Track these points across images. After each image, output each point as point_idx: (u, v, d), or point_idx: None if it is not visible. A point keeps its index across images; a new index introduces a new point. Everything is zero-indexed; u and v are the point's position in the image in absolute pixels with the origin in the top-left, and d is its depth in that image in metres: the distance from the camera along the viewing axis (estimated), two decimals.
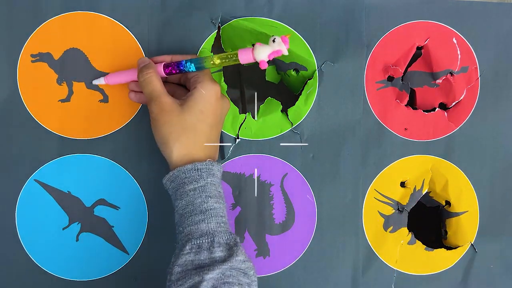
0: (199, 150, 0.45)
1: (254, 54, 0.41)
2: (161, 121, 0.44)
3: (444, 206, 0.55)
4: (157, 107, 0.44)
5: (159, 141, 0.45)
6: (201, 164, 0.43)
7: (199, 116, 0.44)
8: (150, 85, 0.45)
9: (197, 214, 0.42)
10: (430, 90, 0.54)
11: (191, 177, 0.43)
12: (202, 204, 0.42)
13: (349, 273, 0.53)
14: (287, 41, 0.41)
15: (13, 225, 0.50)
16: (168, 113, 0.44)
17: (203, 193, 0.43)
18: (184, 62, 0.45)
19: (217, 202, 0.43)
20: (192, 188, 0.43)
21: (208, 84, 0.45)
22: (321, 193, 0.53)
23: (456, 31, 0.53)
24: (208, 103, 0.45)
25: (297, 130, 0.52)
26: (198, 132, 0.44)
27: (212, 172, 0.44)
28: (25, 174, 0.50)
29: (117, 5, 0.50)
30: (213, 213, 0.42)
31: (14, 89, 0.49)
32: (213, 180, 0.44)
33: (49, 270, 0.50)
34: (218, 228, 0.42)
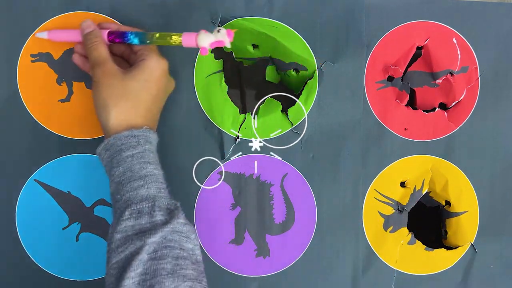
0: (138, 118, 0.44)
1: (198, 40, 0.42)
2: (103, 83, 0.43)
3: (444, 206, 0.55)
4: (100, 71, 0.43)
5: (98, 104, 0.43)
6: (138, 131, 0.43)
7: (143, 84, 0.44)
8: (97, 51, 0.44)
9: (136, 179, 0.41)
10: (430, 90, 0.54)
11: (128, 144, 0.42)
12: (141, 170, 0.41)
13: (349, 273, 0.53)
14: (232, 34, 0.41)
15: (13, 225, 0.50)
16: (111, 77, 0.43)
17: (142, 159, 0.42)
18: (130, 33, 0.45)
19: (156, 168, 0.43)
20: (130, 155, 0.42)
21: (155, 57, 0.44)
22: (321, 193, 0.53)
23: (456, 31, 0.53)
24: (154, 74, 0.44)
25: (297, 130, 0.52)
26: (140, 100, 0.44)
27: (149, 139, 0.43)
28: (25, 174, 0.50)
29: (117, 5, 0.50)
30: (153, 179, 0.41)
31: (14, 89, 0.49)
32: (150, 147, 0.43)
33: (49, 270, 0.50)
34: (158, 193, 0.41)
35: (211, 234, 0.52)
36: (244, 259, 0.52)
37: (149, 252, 0.38)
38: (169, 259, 0.38)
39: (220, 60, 0.52)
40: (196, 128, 0.51)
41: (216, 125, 0.51)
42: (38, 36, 0.48)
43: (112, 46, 0.47)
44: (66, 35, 0.48)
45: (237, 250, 0.52)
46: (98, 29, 0.46)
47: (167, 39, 0.44)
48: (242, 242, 0.52)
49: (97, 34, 0.45)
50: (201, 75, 0.51)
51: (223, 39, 0.41)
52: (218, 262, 0.52)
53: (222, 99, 0.51)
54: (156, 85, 0.44)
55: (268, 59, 0.54)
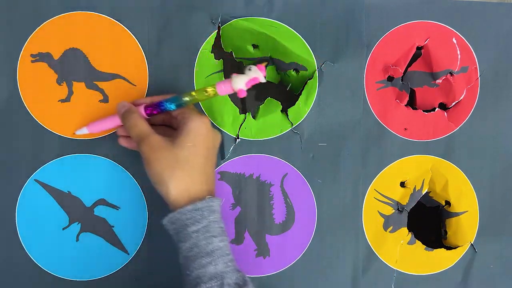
0: (196, 184, 0.44)
1: (232, 85, 0.42)
2: (153, 158, 0.43)
3: (444, 206, 0.56)
4: (146, 147, 0.43)
5: (154, 180, 0.43)
6: (201, 203, 0.42)
7: (191, 149, 0.43)
8: (137, 127, 0.44)
9: (203, 256, 0.41)
10: (430, 90, 0.54)
11: (193, 218, 0.42)
12: (207, 246, 0.41)
13: (349, 273, 0.53)
14: (263, 69, 0.41)
15: (13, 225, 0.50)
16: (159, 150, 0.43)
17: (207, 233, 0.42)
18: (165, 101, 0.45)
19: (222, 240, 0.42)
20: (195, 230, 0.41)
21: (196, 118, 0.44)
22: (321, 193, 0.53)
23: (456, 31, 0.53)
24: (199, 135, 0.44)
25: (297, 130, 0.52)
26: (193, 166, 0.43)
27: (213, 208, 0.43)
28: (25, 174, 0.50)
29: (117, 5, 0.50)
30: (219, 254, 0.41)
31: (14, 89, 0.49)
32: (215, 218, 0.43)
33: (49, 270, 0.50)
34: (226, 268, 0.41)
35: None
36: (244, 259, 0.52)
37: None
38: None
39: (220, 60, 0.52)
40: None
41: (216, 125, 0.51)
42: (78, 134, 0.49)
43: (151, 118, 0.47)
44: (105, 124, 0.48)
45: (237, 250, 0.52)
46: (133, 106, 0.46)
47: (202, 94, 0.43)
48: (242, 242, 0.52)
49: (133, 110, 0.45)
50: (201, 75, 0.51)
51: (256, 76, 0.41)
52: None
53: (222, 99, 0.51)
54: (204, 146, 0.44)
55: (268, 59, 0.54)
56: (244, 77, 0.41)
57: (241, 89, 0.41)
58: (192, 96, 0.44)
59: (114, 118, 0.47)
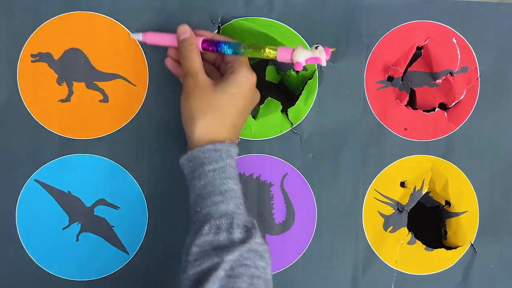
0: (223, 131, 0.44)
1: (293, 55, 0.41)
2: (193, 94, 0.43)
3: (444, 206, 0.55)
4: (192, 81, 0.44)
5: (185, 115, 0.44)
6: (221, 145, 0.43)
7: (231, 99, 0.44)
8: (190, 59, 0.45)
9: (216, 195, 0.42)
10: (430, 90, 0.54)
11: (211, 158, 0.42)
12: (221, 185, 0.42)
13: (349, 273, 0.53)
14: (329, 52, 0.41)
15: (13, 225, 0.50)
16: (202, 89, 0.44)
17: (223, 173, 0.42)
18: (224, 43, 0.45)
19: (236, 184, 0.43)
20: (211, 169, 0.42)
21: (245, 71, 0.44)
22: (321, 193, 0.53)
23: (456, 31, 0.53)
24: (242, 89, 0.44)
25: (297, 130, 0.52)
26: (226, 114, 0.44)
27: (231, 153, 0.44)
28: (25, 174, 0.50)
29: (117, 5, 0.50)
30: (232, 195, 0.42)
31: (14, 89, 0.49)
32: (231, 162, 0.44)
33: (49, 270, 0.50)
34: (237, 210, 0.42)
35: None
36: None
37: (226, 269, 0.38)
38: (245, 278, 0.39)
39: None
40: None
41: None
42: (132, 37, 0.49)
43: (204, 53, 0.47)
44: (161, 38, 0.48)
45: None
46: (193, 35, 0.46)
47: (261, 52, 0.44)
48: None
49: (193, 42, 0.46)
50: None
51: (320, 56, 0.41)
52: None
53: None
54: (243, 99, 0.45)
55: (268, 59, 0.54)
56: (308, 52, 0.41)
57: (299, 62, 0.41)
58: (252, 49, 0.44)
59: (171, 37, 0.47)
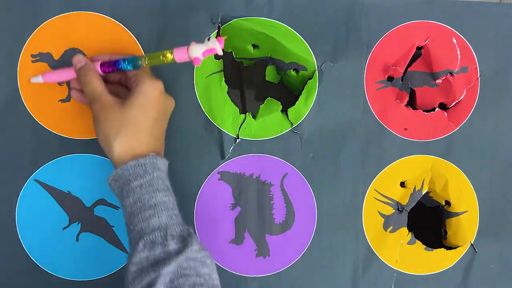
0: (142, 144, 0.43)
1: (189, 52, 0.41)
2: (102, 117, 0.43)
3: (444, 206, 0.56)
4: (98, 106, 0.43)
5: (100, 138, 0.44)
6: (144, 159, 0.42)
7: (140, 110, 0.43)
8: (91, 85, 0.44)
9: (146, 209, 0.41)
10: (430, 90, 0.54)
11: (136, 173, 0.42)
12: (150, 199, 0.41)
13: (349, 273, 0.53)
14: (222, 41, 0.41)
15: (13, 225, 0.50)
16: (109, 110, 0.43)
17: (150, 187, 0.42)
18: (122, 61, 0.45)
19: (166, 195, 0.42)
20: (138, 185, 0.41)
21: (148, 81, 0.44)
22: (321, 193, 0.53)
23: (456, 31, 0.53)
24: (149, 98, 0.44)
25: (297, 130, 0.52)
26: (139, 126, 0.43)
27: (157, 166, 0.43)
28: (25, 174, 0.50)
29: (117, 5, 0.50)
30: (163, 207, 0.41)
31: (14, 89, 0.49)
32: (159, 174, 0.43)
33: (49, 270, 0.50)
34: (170, 221, 0.41)
35: (211, 234, 0.52)
36: (244, 259, 0.52)
37: (165, 283, 0.37)
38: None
39: (220, 60, 0.52)
40: (196, 128, 0.51)
41: (216, 125, 0.51)
42: (33, 81, 0.48)
43: (108, 75, 0.47)
44: (60, 75, 0.48)
45: (237, 250, 0.52)
46: (89, 62, 0.46)
47: (160, 59, 0.43)
48: (242, 242, 0.52)
49: (90, 67, 0.45)
50: (201, 75, 0.51)
51: (214, 46, 0.41)
52: (218, 262, 0.52)
53: (222, 99, 0.51)
54: (153, 108, 0.44)
55: (268, 59, 0.54)
56: (202, 46, 0.41)
57: (197, 57, 0.41)
58: (150, 59, 0.44)
59: (70, 71, 0.47)
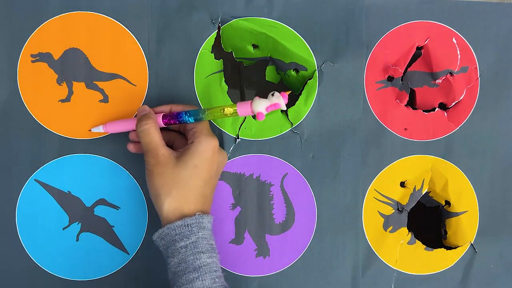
0: (191, 205, 0.44)
1: (253, 107, 0.42)
2: (155, 172, 0.44)
3: (444, 206, 0.56)
4: (153, 159, 0.44)
5: (152, 192, 0.45)
6: (191, 219, 0.43)
7: (193, 171, 0.44)
8: (148, 136, 0.44)
9: (190, 272, 0.41)
10: (430, 90, 0.54)
11: (182, 234, 0.42)
12: (195, 261, 0.42)
13: (349, 273, 0.53)
14: (286, 96, 0.41)
15: (13, 225, 0.50)
16: (163, 166, 0.44)
17: (195, 249, 0.42)
18: (184, 114, 0.45)
19: (210, 256, 0.43)
20: (183, 245, 0.42)
21: (204, 138, 0.45)
22: (321, 193, 0.53)
23: (456, 31, 0.53)
24: (204, 158, 0.44)
25: (297, 130, 0.52)
26: (191, 187, 0.44)
27: (203, 225, 0.44)
28: (25, 174, 0.50)
29: (117, 5, 0.50)
30: (206, 270, 0.42)
31: (14, 89, 0.49)
32: (204, 234, 0.43)
33: (49, 270, 0.50)
34: (213, 284, 0.41)
35: None
36: (244, 259, 0.52)
37: None
38: None
39: (220, 60, 0.52)
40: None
41: (216, 125, 0.51)
42: (94, 131, 0.49)
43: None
44: (124, 124, 0.48)
45: (237, 250, 0.52)
46: (152, 112, 0.46)
47: (220, 112, 0.44)
48: (242, 242, 0.52)
49: (151, 117, 0.45)
50: (201, 75, 0.51)
51: (278, 102, 0.41)
52: None
53: (222, 99, 0.51)
54: (207, 168, 0.45)
55: (268, 59, 0.54)
56: (266, 101, 0.41)
57: (261, 113, 0.41)
58: (211, 113, 0.44)
59: (133, 121, 0.47)
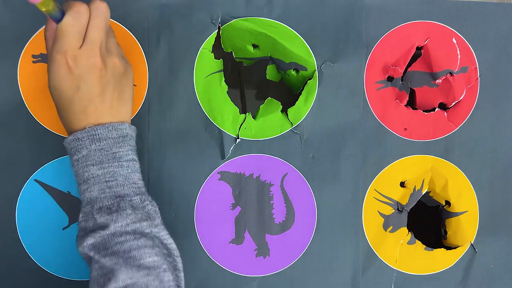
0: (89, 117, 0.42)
1: None
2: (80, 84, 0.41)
3: (444, 206, 0.56)
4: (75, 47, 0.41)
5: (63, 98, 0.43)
6: (81, 133, 0.42)
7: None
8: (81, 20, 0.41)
9: (81, 183, 0.42)
10: (430, 90, 0.54)
11: (74, 148, 0.42)
12: (83, 174, 0.42)
13: (349, 273, 0.53)
14: None
15: (13, 225, 0.50)
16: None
17: (85, 161, 0.42)
18: None
19: (101, 168, 0.42)
20: (75, 159, 0.42)
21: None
22: (321, 193, 0.53)
23: (456, 31, 0.53)
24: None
25: (297, 130, 0.52)
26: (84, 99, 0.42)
27: (97, 137, 0.42)
28: (25, 174, 0.50)
29: (117, 5, 0.50)
30: (95, 181, 0.42)
31: (15, 90, 0.49)
32: (98, 145, 0.42)
33: (49, 270, 0.50)
34: (101, 194, 0.42)
35: (211, 234, 0.52)
36: (244, 259, 0.52)
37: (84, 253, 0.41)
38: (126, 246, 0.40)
39: (220, 60, 0.52)
40: (196, 128, 0.51)
41: (216, 125, 0.51)
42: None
43: None
44: None
45: (237, 250, 0.52)
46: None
47: None
48: (242, 242, 0.52)
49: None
50: (201, 75, 0.51)
51: None
52: (218, 262, 0.52)
53: (222, 99, 0.51)
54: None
55: (268, 59, 0.54)
56: None
57: None
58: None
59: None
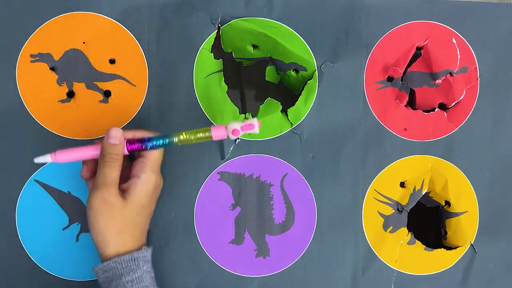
0: (136, 241, 0.44)
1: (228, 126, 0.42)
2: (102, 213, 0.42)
3: (444, 206, 0.56)
4: (101, 197, 0.42)
5: (95, 231, 0.43)
6: (138, 253, 0.43)
7: (139, 211, 0.44)
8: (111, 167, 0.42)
9: None
10: (429, 90, 0.54)
11: (128, 268, 0.42)
12: None
13: (349, 273, 0.53)
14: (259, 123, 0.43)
15: (13, 225, 0.50)
16: (111, 206, 0.42)
17: (141, 283, 0.42)
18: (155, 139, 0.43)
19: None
20: (129, 280, 0.42)
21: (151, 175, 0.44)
22: (321, 193, 0.53)
23: (456, 32, 0.53)
24: (149, 196, 0.45)
25: (297, 130, 0.52)
26: (136, 225, 0.44)
27: (147, 258, 0.44)
28: (25, 174, 0.50)
29: (117, 5, 0.50)
30: None
31: (14, 90, 0.49)
32: (147, 267, 0.44)
33: (49, 270, 0.50)
34: None
35: (211, 234, 0.52)
36: (244, 259, 0.52)
37: None
38: None
39: (220, 60, 0.52)
40: (196, 128, 0.51)
41: (216, 125, 0.51)
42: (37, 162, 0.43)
43: None
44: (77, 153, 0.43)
45: (237, 250, 0.52)
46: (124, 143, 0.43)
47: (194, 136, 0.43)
48: (242, 242, 0.52)
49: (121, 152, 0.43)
50: (201, 75, 0.51)
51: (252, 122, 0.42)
52: (218, 262, 0.52)
53: (222, 99, 0.51)
54: (152, 205, 0.46)
55: (268, 59, 0.54)
56: (240, 122, 0.42)
57: (236, 129, 0.42)
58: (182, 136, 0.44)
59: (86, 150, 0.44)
